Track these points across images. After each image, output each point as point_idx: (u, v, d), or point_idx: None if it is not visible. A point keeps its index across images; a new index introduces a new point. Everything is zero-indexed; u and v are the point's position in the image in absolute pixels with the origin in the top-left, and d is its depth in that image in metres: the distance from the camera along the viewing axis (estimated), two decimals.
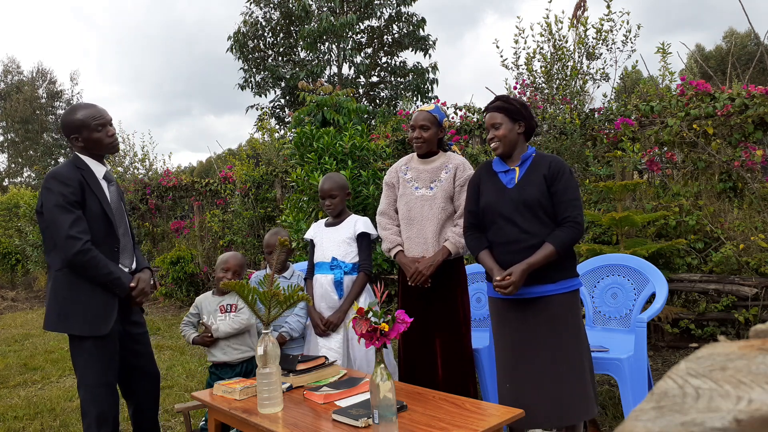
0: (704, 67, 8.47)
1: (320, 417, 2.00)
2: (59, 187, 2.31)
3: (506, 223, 2.40)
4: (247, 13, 14.46)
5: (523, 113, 2.43)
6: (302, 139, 4.85)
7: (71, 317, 2.34)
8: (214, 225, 7.82)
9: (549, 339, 2.32)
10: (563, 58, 5.72)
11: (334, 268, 2.87)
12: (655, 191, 4.73)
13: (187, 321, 2.96)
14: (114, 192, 2.51)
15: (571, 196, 2.34)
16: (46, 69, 27.09)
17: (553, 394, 2.28)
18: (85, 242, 2.29)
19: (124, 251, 2.50)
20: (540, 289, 2.35)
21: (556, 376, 2.29)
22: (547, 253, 2.29)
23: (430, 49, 14.12)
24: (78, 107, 2.47)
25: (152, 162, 9.92)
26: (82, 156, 2.45)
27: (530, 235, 2.34)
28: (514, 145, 2.45)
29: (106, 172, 2.50)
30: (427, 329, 2.74)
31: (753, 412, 0.35)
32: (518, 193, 2.38)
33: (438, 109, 2.83)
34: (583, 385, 2.31)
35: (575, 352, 2.32)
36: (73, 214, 2.30)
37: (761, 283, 3.89)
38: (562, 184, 2.34)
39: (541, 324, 2.34)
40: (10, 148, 25.67)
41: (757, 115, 4.15)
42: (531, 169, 2.42)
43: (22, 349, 5.80)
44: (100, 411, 2.35)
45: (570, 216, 2.31)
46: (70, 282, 2.35)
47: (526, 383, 2.35)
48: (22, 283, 11.52)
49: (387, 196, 2.93)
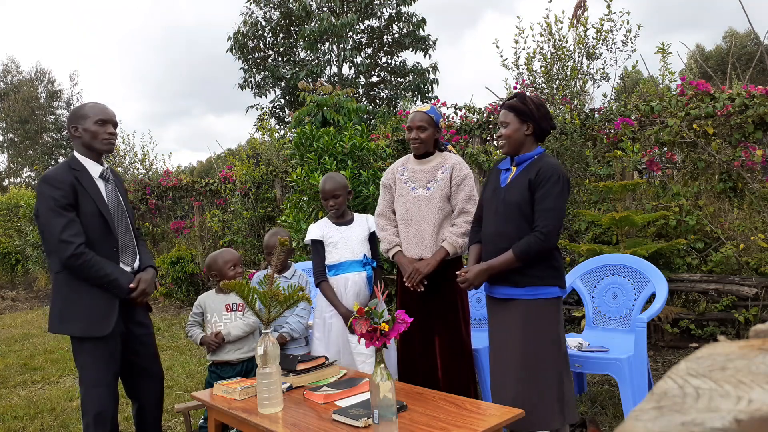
0: (704, 67, 8.47)
1: (320, 417, 2.00)
2: (50, 190, 2.32)
3: (489, 221, 2.44)
4: (247, 14, 14.46)
5: (534, 115, 2.38)
6: (302, 139, 4.85)
7: (72, 319, 2.36)
8: (214, 225, 7.82)
9: (518, 342, 2.33)
10: (563, 58, 5.72)
11: (365, 265, 2.88)
12: (655, 191, 4.73)
13: (192, 321, 2.92)
14: (112, 191, 2.50)
15: (547, 206, 2.28)
16: (45, 69, 27.10)
17: (516, 396, 2.27)
18: (78, 246, 2.29)
19: (125, 250, 2.49)
20: (504, 290, 2.39)
21: (521, 380, 2.30)
22: (507, 259, 2.31)
23: (430, 49, 14.11)
24: (88, 102, 2.53)
25: (152, 162, 9.92)
26: (78, 156, 2.46)
27: (503, 237, 2.35)
28: (520, 146, 2.42)
29: (102, 171, 2.48)
30: (426, 329, 2.74)
31: (753, 412, 0.35)
32: (504, 194, 2.40)
33: (434, 109, 2.84)
34: (548, 396, 2.27)
35: (536, 360, 2.30)
36: (65, 217, 2.30)
37: (761, 283, 3.89)
38: (543, 191, 2.30)
39: (512, 326, 2.36)
40: (10, 148, 25.66)
41: (757, 115, 4.15)
42: (524, 171, 2.39)
43: (22, 349, 5.80)
44: (99, 410, 2.36)
45: (539, 225, 2.28)
46: (69, 284, 2.36)
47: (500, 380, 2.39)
48: (22, 283, 11.51)
49: (384, 197, 2.93)
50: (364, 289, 2.86)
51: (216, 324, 2.85)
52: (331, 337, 2.86)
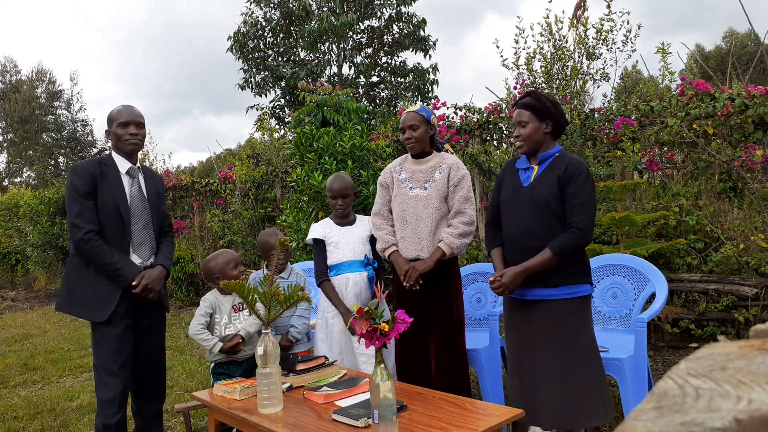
0: (704, 67, 8.47)
1: (320, 417, 2.00)
2: (73, 178, 2.53)
3: (514, 221, 2.38)
4: (247, 13, 14.46)
5: (552, 112, 2.35)
6: (302, 139, 4.85)
7: (76, 300, 2.54)
8: (214, 225, 7.82)
9: (549, 343, 2.30)
10: (563, 58, 5.72)
11: (367, 266, 2.89)
12: (655, 191, 4.73)
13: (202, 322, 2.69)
14: (136, 188, 2.65)
15: (581, 201, 2.25)
16: (45, 69, 27.08)
17: (552, 396, 2.27)
18: (87, 232, 2.47)
19: (141, 246, 2.62)
20: (539, 292, 2.32)
21: (556, 380, 2.27)
22: (545, 258, 2.25)
23: (430, 49, 14.11)
24: (118, 106, 2.70)
25: (152, 162, 9.92)
26: (114, 154, 2.66)
27: (533, 237, 2.30)
28: (540, 145, 2.39)
29: (129, 168, 2.65)
30: (421, 329, 2.74)
31: (753, 412, 0.35)
32: (530, 193, 2.34)
33: (424, 108, 2.85)
34: (585, 392, 2.26)
35: (577, 359, 2.28)
36: (81, 204, 2.49)
37: (761, 283, 3.89)
38: (575, 187, 2.26)
39: (542, 327, 2.32)
40: (10, 148, 25.66)
41: (757, 115, 4.15)
42: (548, 169, 2.35)
43: (22, 349, 5.80)
44: (105, 397, 2.49)
45: (575, 221, 2.24)
46: (78, 267, 2.55)
47: (529, 381, 2.35)
48: (22, 283, 11.51)
49: (381, 196, 2.93)
50: (365, 290, 2.86)
51: (226, 326, 2.74)
52: (334, 337, 2.86)
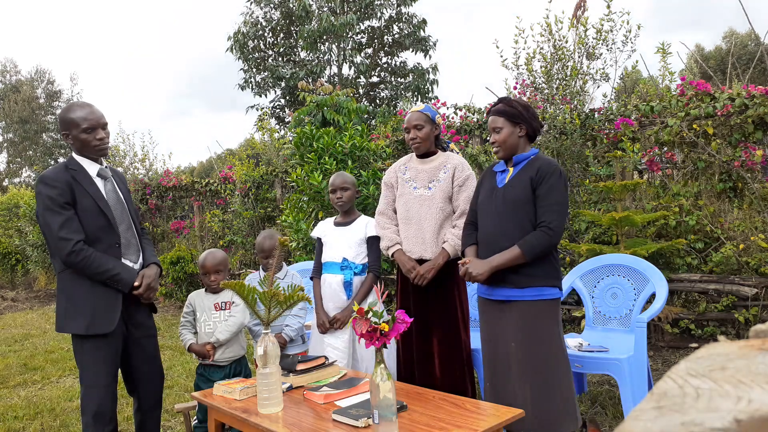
0: (704, 67, 8.47)
1: (320, 417, 2.00)
2: (46, 190, 2.33)
3: (488, 221, 2.42)
4: (247, 13, 14.47)
5: (525, 116, 2.40)
6: (302, 139, 4.85)
7: (76, 316, 2.37)
8: (214, 225, 7.82)
9: (517, 344, 2.31)
10: (563, 58, 5.72)
11: (344, 269, 2.87)
12: (655, 191, 4.73)
13: (184, 322, 2.87)
14: (111, 189, 2.50)
15: (552, 201, 2.28)
16: (45, 69, 27.08)
17: (518, 398, 2.27)
18: (76, 243, 2.30)
19: (128, 247, 2.49)
20: (506, 292, 2.35)
21: (525, 384, 2.28)
22: (513, 255, 2.27)
23: (430, 50, 14.12)
24: (73, 106, 2.47)
25: (152, 162, 9.92)
26: (75, 156, 2.47)
27: (505, 236, 2.33)
28: (515, 149, 2.44)
29: (99, 170, 2.48)
30: (424, 329, 2.74)
31: (753, 412, 0.35)
32: (503, 193, 2.39)
33: (429, 107, 2.86)
34: (551, 399, 2.26)
35: (544, 364, 2.28)
36: (62, 215, 2.31)
37: (761, 283, 3.89)
38: (546, 187, 2.30)
39: (510, 329, 2.34)
40: (10, 148, 25.67)
41: (757, 115, 4.15)
42: (522, 170, 2.40)
43: (22, 349, 5.80)
44: (97, 410, 2.38)
45: (545, 221, 2.27)
46: (73, 282, 2.38)
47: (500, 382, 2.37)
48: (22, 283, 11.51)
49: (386, 196, 2.94)
50: (339, 292, 2.86)
51: (206, 323, 2.81)
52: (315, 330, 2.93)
